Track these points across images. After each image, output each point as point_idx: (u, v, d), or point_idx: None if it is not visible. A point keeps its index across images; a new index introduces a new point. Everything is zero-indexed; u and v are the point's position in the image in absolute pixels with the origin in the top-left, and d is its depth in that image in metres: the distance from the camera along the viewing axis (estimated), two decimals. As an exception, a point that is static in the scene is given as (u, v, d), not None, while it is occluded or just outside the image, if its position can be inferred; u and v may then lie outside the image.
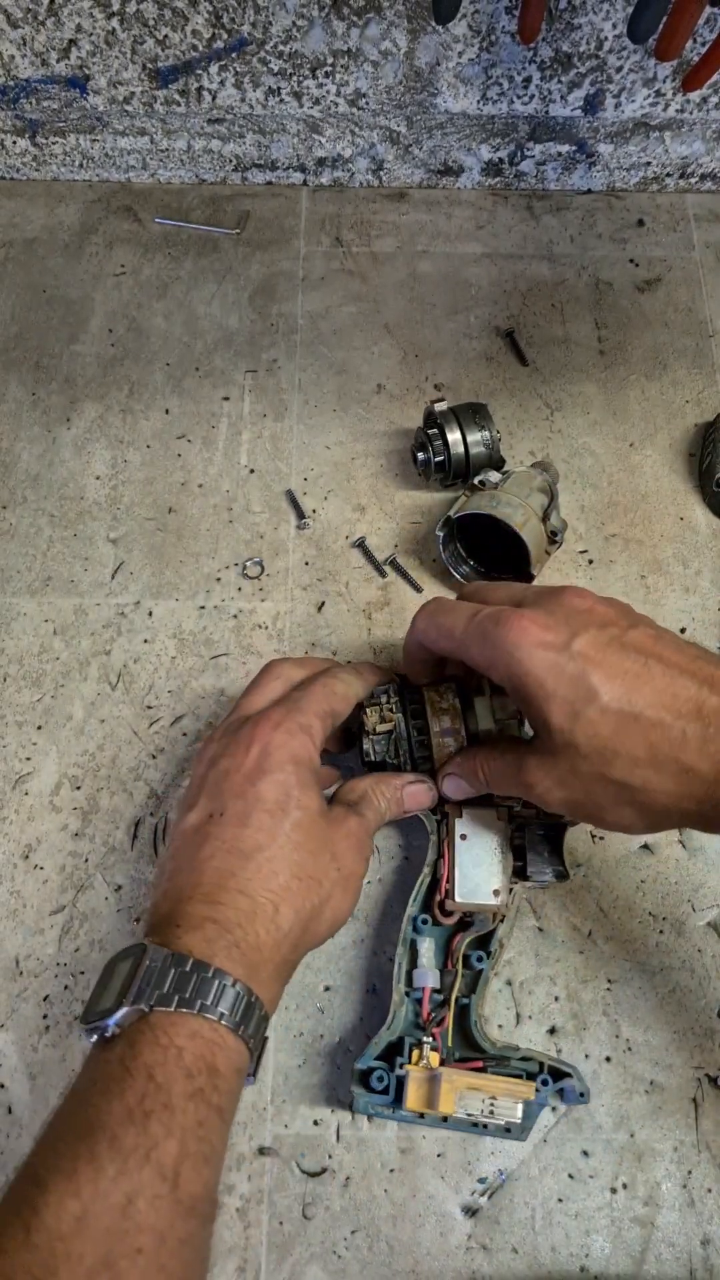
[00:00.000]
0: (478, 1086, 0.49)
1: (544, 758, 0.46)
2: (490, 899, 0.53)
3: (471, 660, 0.47)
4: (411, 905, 0.54)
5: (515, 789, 0.48)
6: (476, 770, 0.51)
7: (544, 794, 0.46)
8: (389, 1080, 0.50)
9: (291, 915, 0.45)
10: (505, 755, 0.49)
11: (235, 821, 0.46)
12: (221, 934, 0.43)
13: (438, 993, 0.53)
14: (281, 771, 0.48)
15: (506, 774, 0.48)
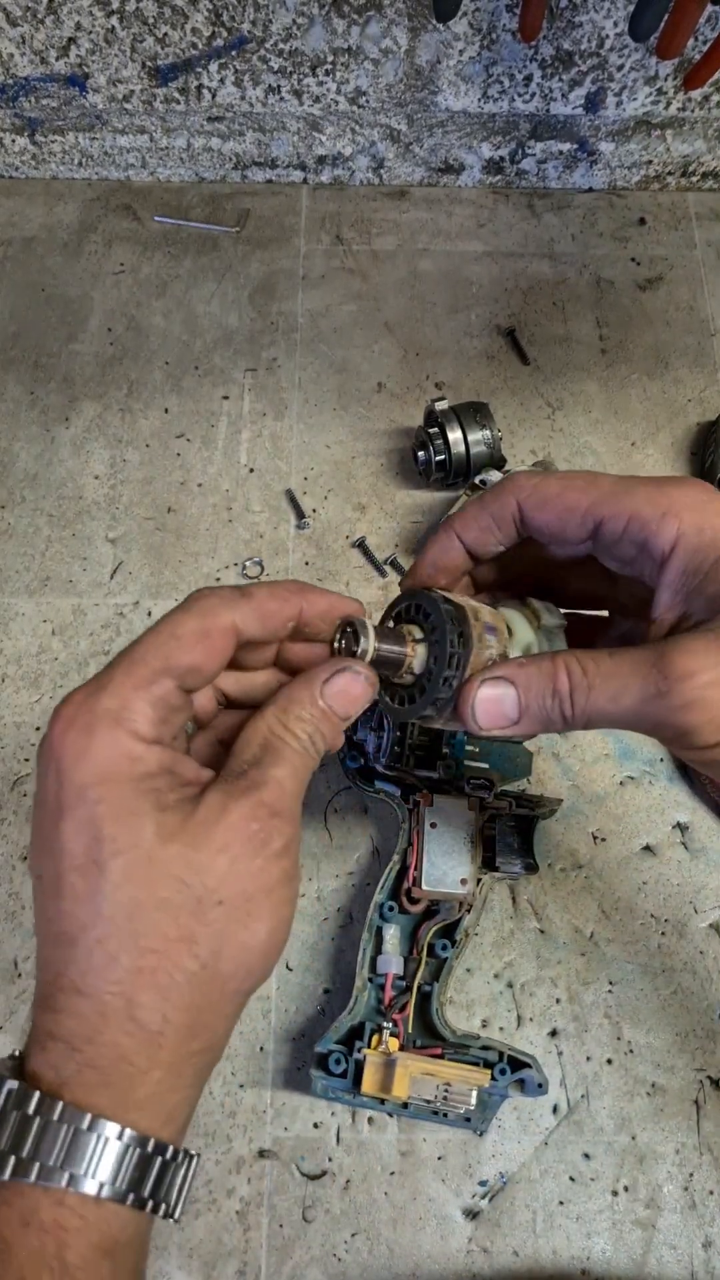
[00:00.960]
0: (432, 1072, 0.50)
1: (715, 638, 0.33)
2: (457, 888, 0.52)
3: (619, 516, 0.35)
4: (379, 892, 0.54)
5: (639, 693, 0.33)
6: (555, 675, 0.35)
7: (706, 690, 0.32)
8: (347, 1064, 0.51)
9: (158, 1002, 0.31)
10: (614, 651, 0.35)
11: (50, 891, 0.32)
12: (69, 1054, 0.31)
13: (400, 979, 0.53)
14: (81, 804, 0.32)
15: (623, 669, 0.34)
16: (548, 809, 0.57)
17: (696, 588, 0.35)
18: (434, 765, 0.57)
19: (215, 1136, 0.53)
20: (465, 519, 0.39)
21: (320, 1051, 0.51)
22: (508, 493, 0.38)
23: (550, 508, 0.37)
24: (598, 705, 0.34)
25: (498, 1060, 0.51)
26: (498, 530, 0.39)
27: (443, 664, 0.36)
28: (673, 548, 0.35)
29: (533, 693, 0.35)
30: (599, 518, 0.36)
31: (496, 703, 0.36)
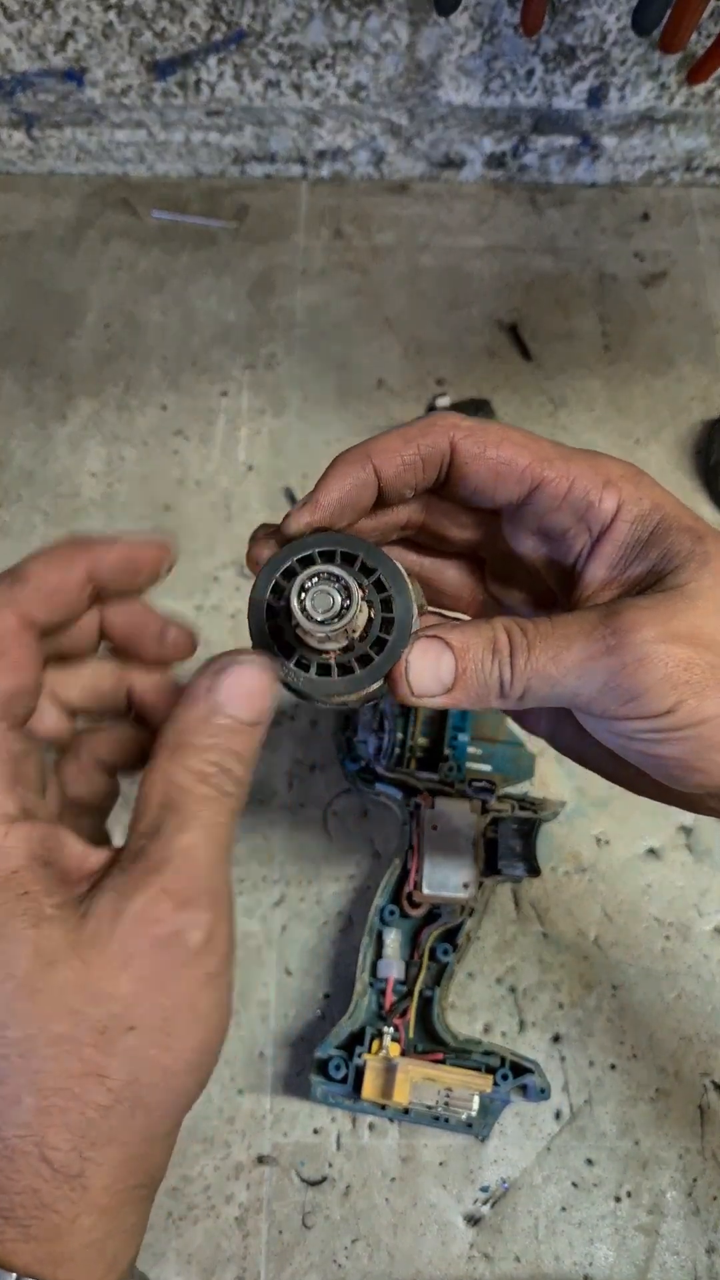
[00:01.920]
0: (433, 1078, 0.49)
1: (665, 598, 0.31)
2: (459, 891, 0.52)
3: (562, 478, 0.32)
4: (379, 896, 0.54)
5: (583, 653, 0.30)
6: (495, 637, 0.31)
7: (655, 645, 0.29)
8: (347, 1070, 0.50)
9: (73, 1141, 0.26)
10: (553, 616, 0.32)
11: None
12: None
13: (401, 984, 0.52)
14: None
15: (570, 630, 0.31)
16: (551, 811, 0.57)
17: (638, 556, 0.33)
18: (435, 767, 0.56)
19: (214, 1142, 0.53)
20: (387, 450, 0.33)
21: (320, 1057, 0.51)
22: (441, 429, 0.33)
23: (488, 457, 0.33)
24: (539, 666, 0.30)
25: (499, 1065, 0.51)
26: (420, 471, 0.33)
27: (404, 632, 0.31)
28: (614, 517, 0.32)
29: (470, 654, 0.31)
30: (540, 478, 0.33)
31: (433, 666, 0.31)
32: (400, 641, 0.31)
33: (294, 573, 0.32)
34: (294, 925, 0.58)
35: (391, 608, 0.32)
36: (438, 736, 0.58)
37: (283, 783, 0.61)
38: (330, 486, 0.34)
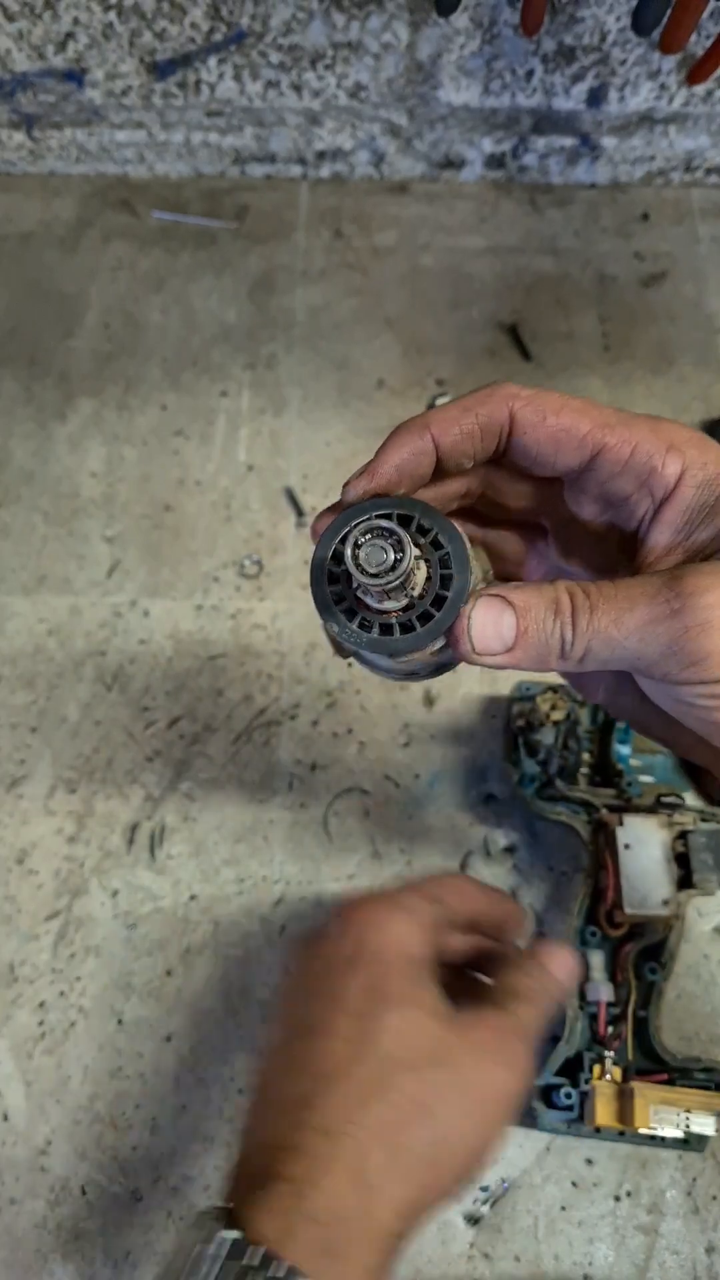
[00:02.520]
0: (672, 1100, 0.49)
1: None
2: (660, 908, 0.52)
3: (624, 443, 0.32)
4: (577, 918, 0.54)
5: (646, 614, 0.30)
6: (557, 598, 0.32)
7: (713, 619, 0.29)
8: (574, 1096, 0.50)
9: (384, 1160, 0.31)
10: (617, 579, 0.32)
11: (317, 1031, 0.34)
12: (296, 1201, 0.30)
13: (612, 1006, 0.52)
14: (376, 963, 0.35)
15: (633, 592, 0.31)
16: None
17: (702, 521, 0.32)
18: (603, 783, 0.57)
19: (214, 1141, 0.53)
20: (445, 420, 0.33)
21: (542, 1084, 0.51)
22: (500, 399, 0.33)
23: (548, 425, 0.33)
24: (601, 627, 0.31)
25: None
26: (479, 440, 0.34)
27: (462, 590, 0.32)
28: (678, 481, 0.32)
29: (532, 614, 0.32)
30: (601, 444, 0.32)
31: (494, 623, 0.32)
32: (459, 597, 0.31)
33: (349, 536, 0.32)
34: (294, 925, 0.58)
35: (450, 565, 0.32)
36: (602, 752, 0.58)
37: (283, 782, 0.61)
38: (388, 454, 0.34)
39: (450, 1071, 0.34)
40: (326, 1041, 0.34)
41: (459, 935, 0.41)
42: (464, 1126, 0.33)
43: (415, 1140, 0.32)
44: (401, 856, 0.59)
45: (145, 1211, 0.51)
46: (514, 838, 0.60)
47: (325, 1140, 0.31)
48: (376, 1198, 0.31)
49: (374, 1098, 0.32)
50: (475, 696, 0.64)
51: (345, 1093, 0.32)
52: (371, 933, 0.36)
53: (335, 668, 0.64)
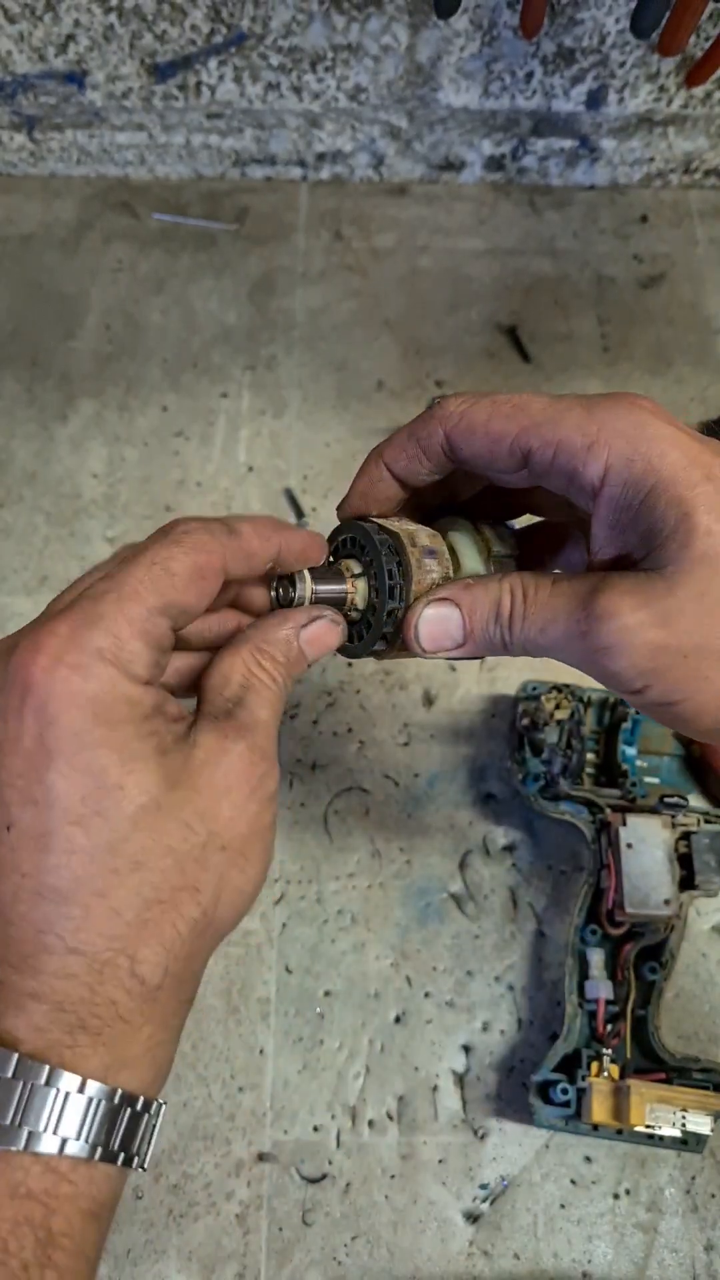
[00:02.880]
0: (668, 1099, 0.49)
1: (646, 579, 0.31)
2: (661, 909, 0.52)
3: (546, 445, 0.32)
4: (577, 916, 0.54)
5: (565, 630, 0.32)
6: (500, 600, 0.34)
7: (625, 634, 0.31)
8: (571, 1093, 0.50)
9: (161, 955, 0.30)
10: (557, 580, 0.33)
11: (33, 844, 0.29)
12: (56, 1016, 0.29)
13: (612, 1004, 0.53)
14: (80, 749, 0.29)
15: (556, 604, 0.33)
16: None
17: (629, 523, 0.32)
18: (608, 783, 0.57)
19: (214, 1139, 0.53)
20: (394, 448, 0.37)
21: (539, 1081, 0.51)
22: (435, 421, 0.35)
23: (477, 436, 0.34)
24: (529, 635, 0.33)
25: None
26: (426, 460, 0.36)
27: (384, 596, 0.35)
28: (602, 481, 0.32)
29: (477, 615, 0.34)
30: (526, 447, 0.33)
31: (441, 624, 0.35)
32: (382, 609, 0.36)
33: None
34: (294, 923, 0.58)
35: (381, 583, 0.36)
36: (607, 752, 0.59)
37: (283, 781, 0.61)
38: (355, 484, 0.39)
39: (201, 836, 0.31)
40: (48, 857, 0.29)
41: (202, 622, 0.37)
42: (232, 878, 0.32)
43: (185, 921, 0.31)
44: (401, 855, 0.60)
45: (146, 1209, 0.52)
46: (514, 836, 0.60)
47: (78, 959, 0.29)
48: (157, 989, 0.30)
49: (125, 905, 0.30)
50: (475, 696, 0.64)
51: (86, 909, 0.29)
52: (62, 707, 0.29)
53: (335, 668, 0.65)
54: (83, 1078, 0.28)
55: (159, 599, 0.31)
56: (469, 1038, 0.56)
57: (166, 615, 0.32)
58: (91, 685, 0.30)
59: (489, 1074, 0.55)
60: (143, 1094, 0.30)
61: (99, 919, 0.29)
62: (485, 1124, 0.54)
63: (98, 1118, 0.29)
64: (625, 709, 0.58)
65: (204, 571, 0.33)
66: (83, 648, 0.30)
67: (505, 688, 0.64)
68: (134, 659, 0.31)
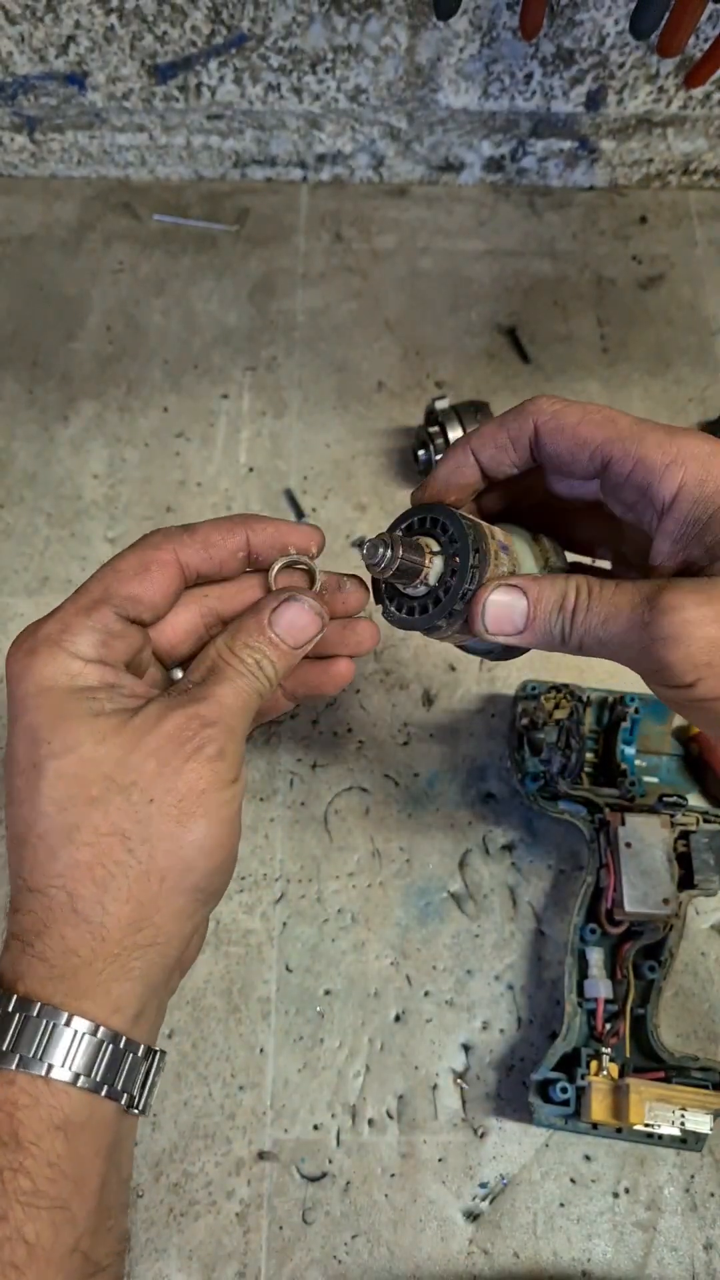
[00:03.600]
0: (667, 1097, 0.49)
1: (709, 583, 0.34)
2: (660, 908, 0.52)
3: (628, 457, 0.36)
4: (576, 915, 0.54)
5: (627, 622, 0.34)
6: (565, 593, 0.36)
7: (687, 626, 0.33)
8: (571, 1092, 0.50)
9: (95, 894, 0.34)
10: (620, 582, 0.36)
11: (7, 799, 0.36)
12: (22, 950, 0.34)
13: (611, 1003, 0.53)
14: (25, 713, 0.35)
15: (620, 600, 0.35)
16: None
17: (696, 536, 0.35)
18: (606, 782, 0.58)
19: (214, 1138, 0.53)
20: (482, 437, 0.39)
21: (539, 1079, 0.51)
22: (527, 414, 0.38)
23: (565, 437, 0.37)
24: (591, 626, 0.35)
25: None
26: (513, 451, 0.39)
27: (462, 576, 0.37)
28: (674, 497, 0.35)
29: (542, 604, 0.36)
30: (608, 457, 0.36)
31: (508, 609, 0.37)
32: (460, 586, 0.37)
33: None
34: (294, 923, 0.58)
35: (460, 561, 0.37)
36: (606, 751, 0.59)
37: (284, 781, 0.62)
38: (438, 469, 0.40)
39: (136, 790, 0.34)
40: (12, 807, 0.35)
41: (161, 625, 0.40)
42: (166, 833, 0.34)
43: (116, 865, 0.34)
44: (401, 854, 0.60)
45: (146, 1208, 0.52)
46: (513, 836, 0.60)
47: (35, 896, 0.34)
48: (97, 927, 0.33)
49: (59, 846, 0.34)
50: (474, 696, 0.64)
51: (34, 850, 0.34)
52: (16, 681, 0.36)
53: (335, 668, 0.65)
54: (40, 1002, 0.32)
55: (102, 590, 0.37)
56: (469, 1037, 0.56)
57: (109, 603, 0.36)
58: (37, 663, 0.35)
59: (489, 1073, 0.55)
60: (102, 1023, 0.33)
61: (42, 858, 0.34)
62: (485, 1123, 0.54)
63: (49, 1037, 0.32)
64: (624, 708, 0.58)
65: (147, 564, 0.37)
66: (34, 634, 0.36)
67: (505, 687, 0.64)
68: (77, 640, 0.36)
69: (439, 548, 0.38)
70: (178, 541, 0.38)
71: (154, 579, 0.37)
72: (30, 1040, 0.32)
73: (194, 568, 0.38)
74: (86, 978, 0.33)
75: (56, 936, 0.33)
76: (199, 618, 0.41)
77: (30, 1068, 0.32)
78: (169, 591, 0.38)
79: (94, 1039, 0.33)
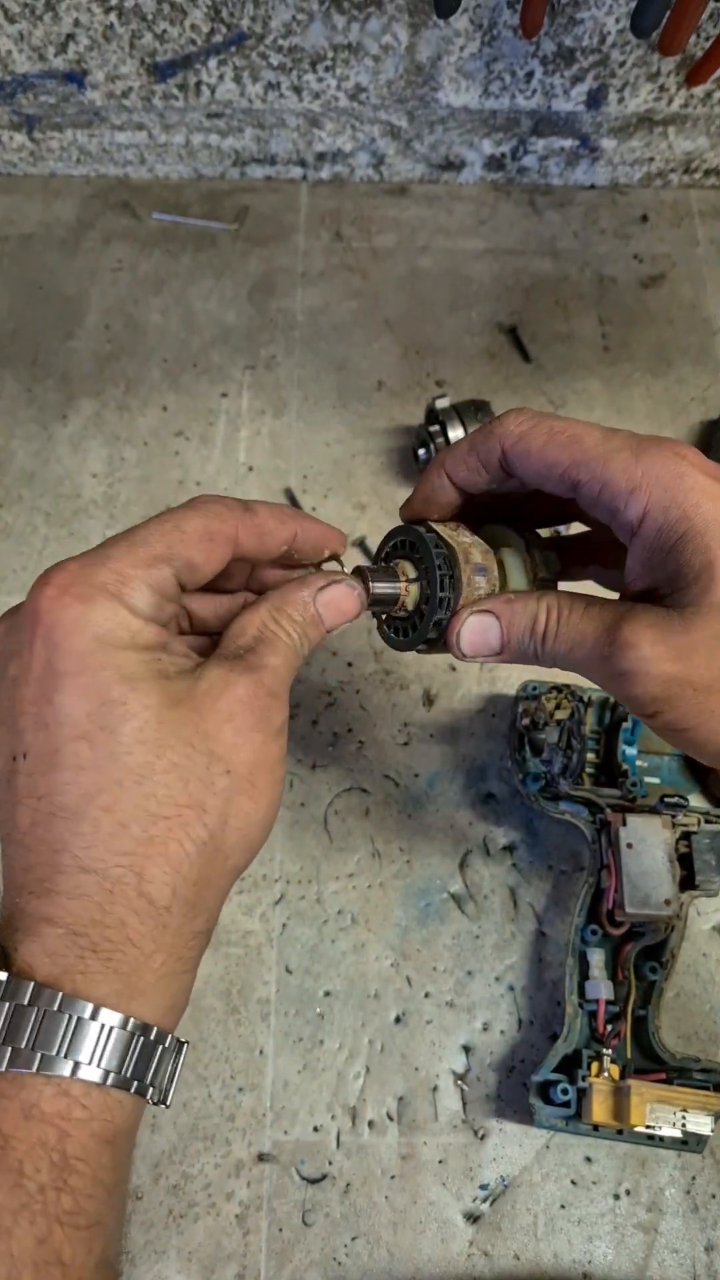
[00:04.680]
0: (668, 1099, 0.49)
1: (667, 616, 0.34)
2: (662, 909, 0.52)
3: (594, 481, 0.35)
4: (578, 916, 0.54)
5: (590, 652, 0.35)
6: (536, 616, 0.37)
7: (643, 664, 0.33)
8: (572, 1093, 0.50)
9: (169, 874, 0.31)
10: (589, 605, 0.36)
11: (46, 765, 0.31)
12: (70, 941, 0.30)
13: (612, 1004, 0.53)
14: (84, 670, 0.31)
15: (585, 628, 0.36)
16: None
17: (660, 563, 0.35)
18: (607, 783, 0.57)
19: (214, 1140, 0.53)
20: (454, 459, 0.39)
21: (540, 1081, 0.51)
22: (495, 436, 0.37)
23: (532, 460, 0.37)
24: (559, 652, 0.37)
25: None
26: (484, 472, 0.39)
27: (434, 606, 0.38)
28: (639, 523, 0.35)
29: (514, 629, 0.37)
30: (575, 480, 0.36)
31: (482, 633, 0.38)
32: (430, 615, 0.38)
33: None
34: (294, 923, 0.58)
35: (431, 588, 0.38)
36: (607, 752, 0.59)
37: (284, 781, 0.61)
38: (418, 489, 0.41)
39: (205, 758, 0.32)
40: (60, 774, 0.31)
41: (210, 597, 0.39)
42: (240, 804, 0.32)
43: (191, 841, 0.31)
44: (401, 855, 0.60)
45: (146, 1210, 0.52)
46: (513, 836, 0.60)
47: (90, 877, 0.30)
48: (167, 912, 0.31)
49: (132, 819, 0.31)
50: (474, 696, 0.64)
51: (96, 824, 0.30)
52: (68, 633, 0.31)
53: (335, 668, 0.65)
54: (95, 1004, 0.29)
55: (165, 548, 0.34)
56: (469, 1038, 0.56)
57: (170, 564, 0.34)
58: (95, 613, 0.32)
59: (489, 1074, 0.55)
60: (156, 1025, 0.31)
61: (107, 834, 0.30)
62: (485, 1124, 0.54)
63: (109, 1044, 0.29)
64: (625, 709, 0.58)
65: (213, 534, 0.35)
66: (88, 580, 0.32)
67: (505, 687, 0.64)
68: (135, 595, 0.33)
69: (414, 575, 0.39)
70: (239, 518, 0.36)
71: (216, 551, 0.35)
72: (84, 1044, 0.29)
73: (244, 547, 0.37)
74: (145, 973, 0.31)
75: (116, 924, 0.30)
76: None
77: (84, 1074, 0.29)
78: (222, 563, 0.36)
79: (148, 1041, 0.30)
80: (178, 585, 0.35)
